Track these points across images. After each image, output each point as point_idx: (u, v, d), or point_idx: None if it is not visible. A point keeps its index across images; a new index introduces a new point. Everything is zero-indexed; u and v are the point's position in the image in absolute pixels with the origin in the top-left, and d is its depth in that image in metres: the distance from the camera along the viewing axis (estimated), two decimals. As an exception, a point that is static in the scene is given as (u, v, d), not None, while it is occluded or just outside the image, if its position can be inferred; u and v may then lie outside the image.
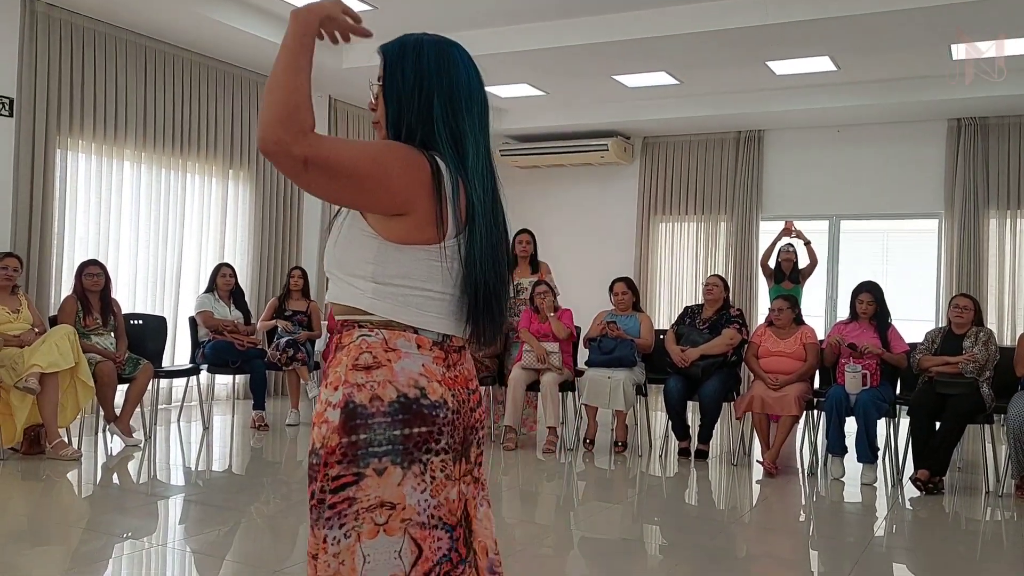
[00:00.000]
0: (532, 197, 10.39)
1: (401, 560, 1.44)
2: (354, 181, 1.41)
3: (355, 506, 1.43)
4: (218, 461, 5.67)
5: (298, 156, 1.35)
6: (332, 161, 1.38)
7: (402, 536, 1.45)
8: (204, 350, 6.64)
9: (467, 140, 1.54)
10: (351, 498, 1.44)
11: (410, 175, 1.45)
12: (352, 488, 1.44)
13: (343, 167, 1.39)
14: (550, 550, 3.91)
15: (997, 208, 8.52)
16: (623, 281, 6.49)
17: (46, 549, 3.62)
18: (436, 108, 1.53)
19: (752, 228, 9.47)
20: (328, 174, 1.39)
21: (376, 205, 1.47)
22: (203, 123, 7.71)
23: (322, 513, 1.46)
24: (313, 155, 1.36)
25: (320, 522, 1.46)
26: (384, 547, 1.44)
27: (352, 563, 1.43)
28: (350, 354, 1.49)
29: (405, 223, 1.48)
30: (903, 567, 3.85)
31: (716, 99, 8.90)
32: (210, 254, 7.90)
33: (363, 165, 1.41)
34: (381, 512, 1.44)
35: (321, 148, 1.37)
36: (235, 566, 3.46)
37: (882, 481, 5.46)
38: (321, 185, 1.41)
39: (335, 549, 1.44)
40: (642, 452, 6.20)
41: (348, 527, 1.44)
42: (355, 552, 1.43)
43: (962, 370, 5.28)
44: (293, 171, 1.37)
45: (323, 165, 1.38)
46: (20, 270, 5.56)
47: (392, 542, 1.44)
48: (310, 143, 1.36)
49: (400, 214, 1.47)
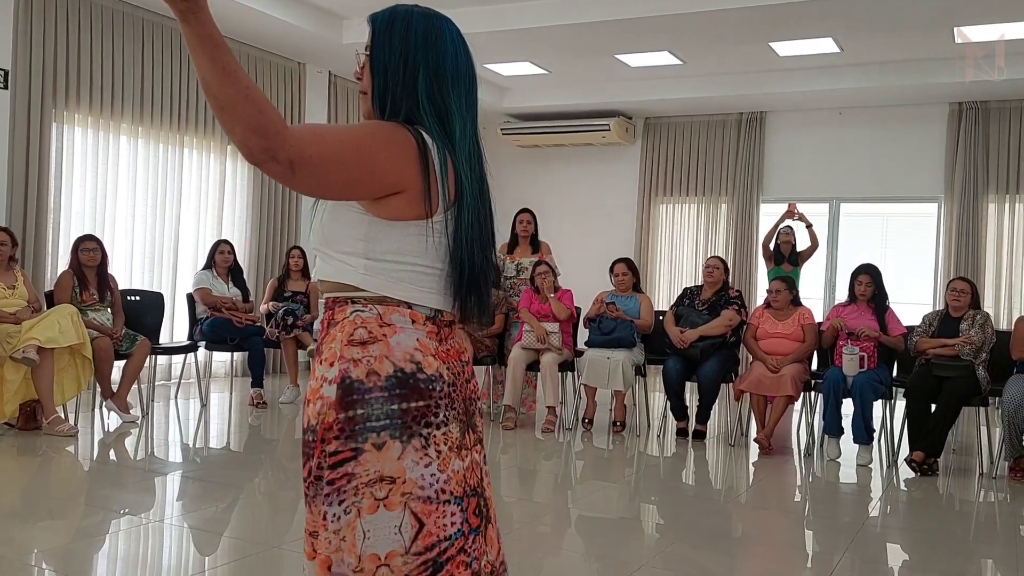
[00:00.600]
0: (533, 177, 10.36)
1: (401, 535, 1.44)
2: (342, 172, 1.39)
3: (354, 482, 1.43)
4: (216, 438, 5.68)
5: (284, 160, 1.31)
6: (316, 158, 1.35)
7: (402, 511, 1.44)
8: (202, 327, 6.63)
9: (453, 117, 1.52)
10: (350, 474, 1.43)
11: (397, 156, 1.44)
12: (351, 463, 1.43)
13: (329, 161, 1.37)
14: (548, 528, 3.93)
15: (996, 192, 8.52)
16: (623, 262, 6.49)
17: (44, 524, 3.63)
18: (421, 82, 1.51)
19: (753, 210, 9.45)
20: (316, 172, 1.36)
21: (366, 192, 1.45)
22: (200, 98, 7.65)
23: (320, 490, 1.45)
24: (298, 156, 1.32)
25: (319, 499, 1.46)
26: (384, 522, 1.43)
27: (352, 539, 1.43)
28: (344, 330, 1.48)
29: (396, 201, 1.46)
30: (897, 547, 3.87)
31: (719, 80, 8.86)
32: (208, 231, 7.88)
33: (348, 154, 1.38)
34: (380, 487, 1.43)
35: (303, 146, 1.33)
36: (233, 542, 3.47)
37: (877, 462, 5.48)
38: (311, 183, 1.38)
39: (335, 526, 1.44)
40: (640, 432, 6.22)
41: (348, 503, 1.43)
42: (355, 528, 1.43)
43: (959, 353, 5.29)
44: (282, 176, 1.34)
45: (309, 164, 1.34)
46: (12, 244, 5.52)
47: (392, 517, 1.43)
48: (292, 144, 1.31)
49: (392, 194, 1.46)
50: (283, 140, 1.30)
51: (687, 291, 6.38)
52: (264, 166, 1.31)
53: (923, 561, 3.66)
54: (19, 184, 6.30)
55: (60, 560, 3.14)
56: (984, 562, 3.67)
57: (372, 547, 1.43)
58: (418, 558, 1.44)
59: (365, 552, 1.43)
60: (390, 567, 1.43)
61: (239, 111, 1.27)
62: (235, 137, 1.28)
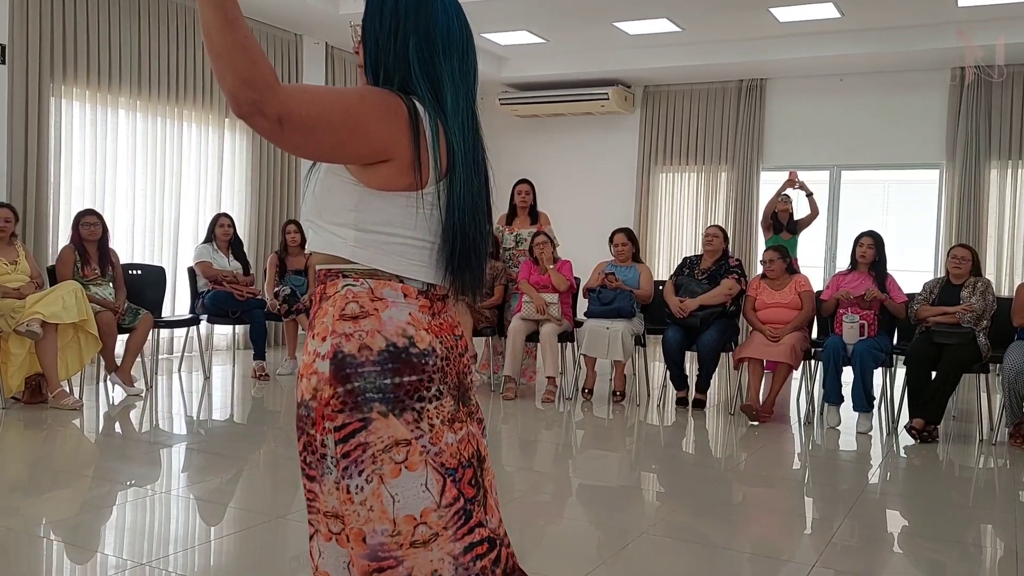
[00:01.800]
0: (531, 146, 10.32)
1: (429, 491, 1.45)
2: (330, 133, 1.37)
3: (370, 450, 1.43)
4: (219, 410, 5.72)
5: (272, 115, 1.29)
6: (305, 116, 1.33)
7: (424, 468, 1.45)
8: (204, 300, 6.65)
9: (444, 84, 1.50)
10: (364, 443, 1.43)
11: (387, 121, 1.42)
12: (362, 433, 1.43)
13: (317, 120, 1.35)
14: (549, 497, 3.96)
15: (998, 158, 8.48)
16: (623, 232, 6.48)
17: (51, 495, 3.67)
18: (412, 51, 1.50)
19: (753, 178, 9.43)
20: (303, 130, 1.34)
21: (355, 155, 1.43)
22: (199, 71, 7.62)
23: (329, 466, 1.45)
24: (286, 112, 1.30)
25: (331, 475, 1.45)
26: (410, 483, 1.44)
27: (381, 506, 1.43)
28: (336, 304, 1.48)
29: (386, 169, 1.45)
30: (896, 513, 3.91)
31: (718, 47, 8.79)
32: (208, 204, 7.87)
33: (336, 115, 1.36)
34: (398, 450, 1.44)
35: (292, 103, 1.31)
36: (238, 512, 3.51)
37: (877, 430, 5.51)
38: (298, 142, 1.36)
39: (360, 496, 1.44)
40: (640, 402, 6.25)
41: (368, 472, 1.43)
42: (381, 495, 1.43)
43: (959, 320, 5.30)
44: (270, 131, 1.32)
45: (297, 121, 1.33)
46: (15, 220, 5.52)
47: (416, 476, 1.44)
48: (281, 99, 1.30)
49: (380, 161, 1.45)
50: (273, 94, 1.28)
51: (687, 260, 6.38)
52: (251, 119, 1.29)
53: (922, 527, 3.70)
54: (19, 159, 6.29)
55: (68, 531, 3.18)
56: (983, 527, 3.71)
57: (404, 509, 1.44)
58: (450, 509, 1.46)
59: (398, 515, 1.44)
60: (427, 524, 1.44)
61: (233, 60, 1.25)
62: (225, 86, 1.26)
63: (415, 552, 1.44)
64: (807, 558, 3.16)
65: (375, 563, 1.44)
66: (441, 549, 1.45)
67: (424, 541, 1.44)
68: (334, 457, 1.45)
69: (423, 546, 1.44)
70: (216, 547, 3.11)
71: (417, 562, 1.44)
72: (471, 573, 1.47)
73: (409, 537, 1.44)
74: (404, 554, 1.44)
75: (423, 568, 1.45)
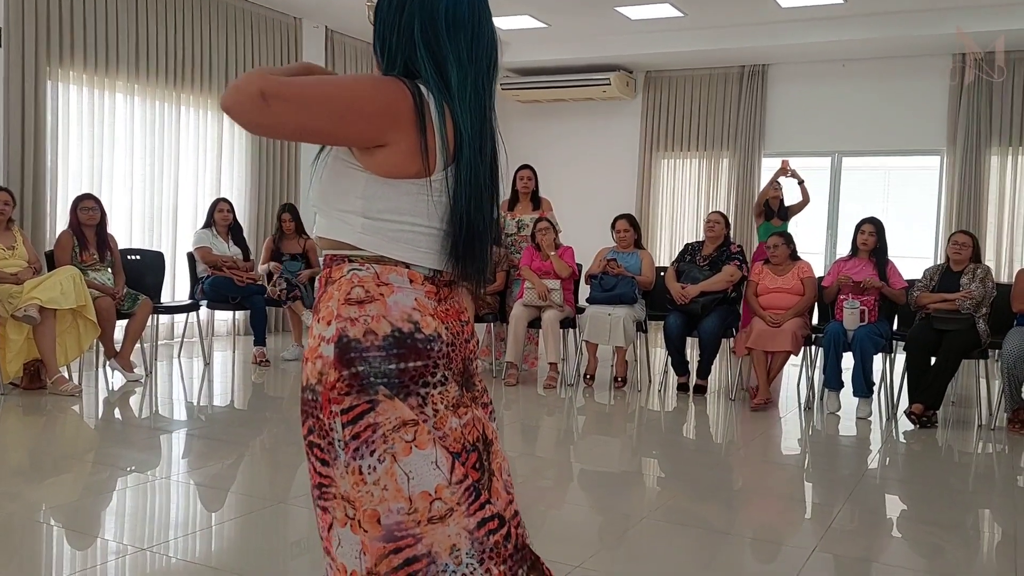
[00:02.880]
0: (533, 132, 10.29)
1: (440, 469, 1.45)
2: (321, 109, 1.37)
3: (380, 430, 1.43)
4: (220, 396, 5.72)
5: (253, 92, 1.31)
6: (294, 94, 1.34)
7: (434, 447, 1.45)
8: (203, 286, 6.63)
9: (450, 67, 1.48)
10: (373, 424, 1.43)
11: (385, 101, 1.41)
12: (371, 415, 1.43)
13: (306, 97, 1.36)
14: (550, 482, 3.97)
15: (999, 145, 8.46)
16: (625, 218, 6.46)
17: (52, 481, 3.67)
18: (417, 31, 1.49)
19: (754, 164, 9.40)
20: (292, 106, 1.35)
21: (351, 134, 1.42)
22: (197, 55, 7.58)
23: (339, 450, 1.45)
24: (269, 88, 1.32)
25: (343, 458, 1.44)
26: (421, 460, 1.44)
27: (396, 485, 1.43)
28: (341, 288, 1.47)
29: (390, 156, 1.44)
30: (896, 498, 3.91)
31: (720, 32, 8.75)
32: (207, 189, 7.85)
33: (328, 89, 1.38)
34: (406, 430, 1.44)
35: (273, 81, 1.34)
36: (239, 498, 3.51)
37: (877, 415, 5.52)
38: (287, 121, 1.36)
39: (373, 476, 1.43)
40: (641, 387, 6.25)
41: (380, 452, 1.43)
42: (394, 474, 1.43)
43: (959, 307, 5.30)
44: (252, 107, 1.32)
45: (283, 97, 1.34)
46: (12, 204, 5.50)
47: (426, 455, 1.44)
48: (266, 79, 1.33)
49: (380, 145, 1.44)
50: (259, 76, 1.33)
51: (688, 247, 6.37)
52: (231, 100, 1.33)
53: (921, 512, 3.71)
54: (15, 143, 6.26)
55: (68, 516, 3.18)
56: (982, 512, 3.72)
57: (419, 486, 1.44)
58: (460, 485, 1.47)
59: (414, 492, 1.43)
60: (442, 499, 1.45)
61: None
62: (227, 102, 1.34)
63: (433, 528, 1.44)
64: (807, 542, 3.17)
65: (392, 543, 1.43)
66: (457, 524, 1.45)
67: (441, 516, 1.44)
68: (342, 440, 1.45)
69: (440, 521, 1.44)
70: (217, 532, 3.11)
71: (436, 538, 1.44)
72: (485, 547, 1.47)
73: (426, 513, 1.44)
74: (423, 531, 1.44)
75: (442, 543, 1.44)
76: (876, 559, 3.05)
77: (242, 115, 1.34)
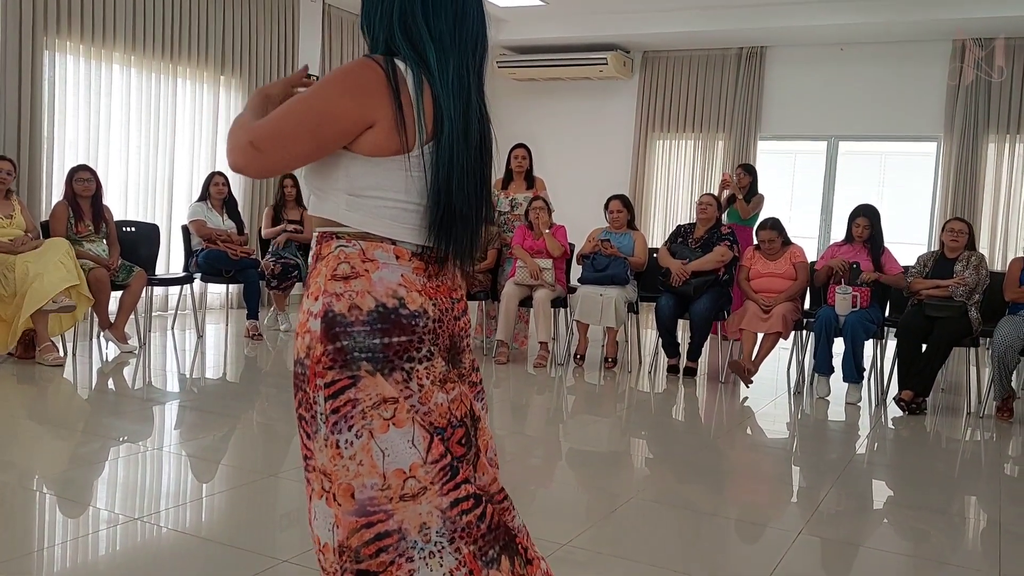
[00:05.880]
0: (528, 111, 10.24)
1: (416, 448, 1.48)
2: (299, 129, 1.45)
3: (359, 406, 1.46)
4: (212, 369, 5.73)
5: (245, 145, 1.46)
6: (270, 129, 1.45)
7: (411, 426, 1.48)
8: (197, 259, 6.63)
9: (427, 46, 1.50)
10: (353, 399, 1.46)
11: (356, 91, 1.45)
12: (352, 390, 1.46)
13: (282, 125, 1.45)
14: (539, 460, 4.00)
15: (997, 132, 8.46)
16: (619, 199, 6.46)
17: (44, 450, 3.68)
18: (395, 12, 1.51)
19: (750, 147, 9.38)
20: (275, 140, 1.45)
21: (337, 136, 1.47)
22: (194, 28, 7.53)
23: (320, 424, 1.48)
24: (254, 136, 1.46)
25: (323, 432, 1.48)
26: (398, 438, 1.47)
27: (371, 461, 1.46)
28: (329, 264, 1.50)
29: (370, 135, 1.47)
30: (882, 483, 3.95)
31: (719, 13, 8.72)
32: (202, 162, 7.82)
33: (298, 109, 1.46)
34: (386, 407, 1.46)
35: (256, 127, 1.46)
36: (230, 470, 3.53)
37: (866, 401, 5.56)
38: (279, 154, 1.46)
39: (350, 451, 1.46)
40: (631, 368, 6.28)
41: (358, 427, 1.46)
42: (370, 450, 1.46)
43: (952, 293, 5.32)
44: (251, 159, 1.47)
45: (265, 135, 1.45)
46: (14, 173, 5.48)
47: (404, 433, 1.47)
48: (248, 129, 1.48)
49: (369, 127, 1.47)
50: (242, 130, 1.49)
51: (680, 228, 6.38)
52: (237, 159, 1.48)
53: (907, 497, 3.74)
54: (11, 113, 6.22)
55: (60, 485, 3.20)
56: (968, 498, 3.76)
57: (394, 463, 1.46)
58: (435, 465, 1.49)
59: (388, 469, 1.46)
60: (416, 478, 1.47)
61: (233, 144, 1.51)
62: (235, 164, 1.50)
63: (404, 505, 1.47)
64: (793, 525, 3.20)
65: (363, 518, 1.47)
66: (429, 503, 1.48)
67: (413, 495, 1.47)
68: (323, 413, 1.48)
69: (412, 499, 1.47)
70: (208, 504, 3.13)
71: (407, 515, 1.47)
72: (457, 527, 1.50)
73: (399, 491, 1.47)
74: (394, 508, 1.47)
75: (412, 521, 1.47)
76: (862, 543, 3.08)
77: (248, 168, 1.48)
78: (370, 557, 1.46)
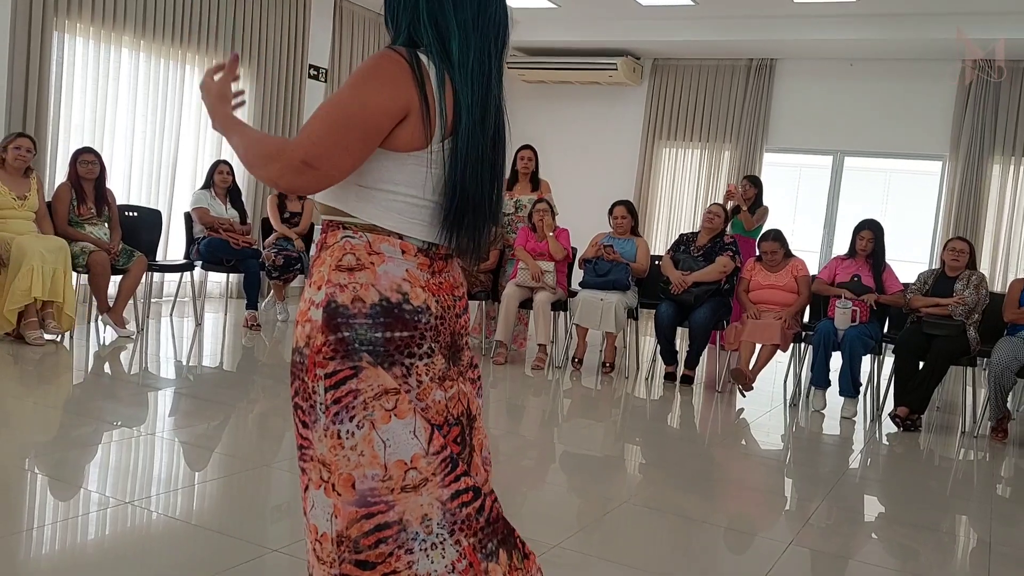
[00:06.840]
0: (536, 112, 10.25)
1: (417, 439, 1.47)
2: (347, 134, 1.41)
3: (361, 396, 1.45)
4: (209, 357, 5.73)
5: (297, 165, 1.41)
6: (317, 142, 1.41)
7: (413, 417, 1.47)
8: (199, 247, 6.63)
9: (452, 37, 1.49)
10: (355, 390, 1.45)
11: (391, 83, 1.43)
12: (353, 380, 1.45)
13: (327, 135, 1.41)
14: (532, 462, 3.99)
15: (1002, 153, 8.47)
16: (623, 205, 6.46)
17: (39, 432, 3.68)
18: (421, 1, 1.50)
19: (756, 158, 9.39)
20: (325, 151, 1.41)
21: (383, 128, 1.44)
22: (205, 15, 7.53)
23: (320, 413, 1.47)
24: (304, 153, 1.41)
25: (322, 421, 1.46)
26: (399, 429, 1.46)
27: (372, 451, 1.45)
28: (333, 255, 1.49)
29: (400, 129, 1.46)
30: (874, 499, 3.95)
31: (731, 23, 8.72)
32: (207, 150, 7.82)
33: (335, 114, 1.42)
34: (387, 398, 1.46)
35: (301, 144, 1.42)
36: (223, 458, 3.53)
37: (862, 416, 5.55)
38: (333, 164, 1.42)
39: (351, 441, 1.45)
40: (629, 374, 6.28)
41: (359, 418, 1.45)
42: (372, 440, 1.45)
43: (951, 312, 5.32)
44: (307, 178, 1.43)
45: (315, 151, 1.41)
46: (34, 151, 5.47)
47: (405, 424, 1.46)
48: (293, 149, 1.42)
49: (402, 120, 1.46)
50: (286, 151, 1.43)
51: (683, 237, 6.38)
52: (289, 182, 1.44)
53: (899, 513, 3.74)
54: (19, 93, 6.22)
55: (53, 467, 3.20)
56: (959, 517, 3.76)
57: (395, 454, 1.46)
58: (437, 456, 1.49)
59: (390, 460, 1.46)
60: (417, 469, 1.47)
61: (257, 159, 1.47)
62: (262, 177, 1.46)
63: (406, 496, 1.46)
64: (783, 536, 3.20)
65: (364, 508, 1.46)
66: (430, 494, 1.48)
67: (414, 486, 1.47)
68: (323, 404, 1.47)
69: (413, 491, 1.47)
70: (200, 491, 3.13)
71: (408, 506, 1.46)
72: (457, 519, 1.50)
73: (400, 482, 1.46)
74: (395, 499, 1.46)
75: (414, 512, 1.47)
76: (851, 556, 3.08)
77: (308, 187, 1.45)
78: (369, 548, 1.46)
